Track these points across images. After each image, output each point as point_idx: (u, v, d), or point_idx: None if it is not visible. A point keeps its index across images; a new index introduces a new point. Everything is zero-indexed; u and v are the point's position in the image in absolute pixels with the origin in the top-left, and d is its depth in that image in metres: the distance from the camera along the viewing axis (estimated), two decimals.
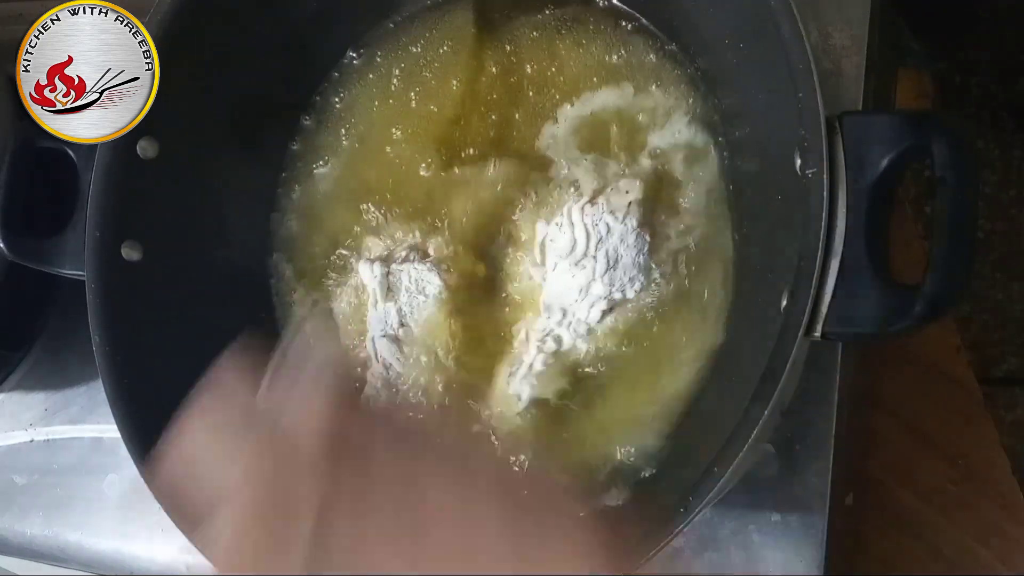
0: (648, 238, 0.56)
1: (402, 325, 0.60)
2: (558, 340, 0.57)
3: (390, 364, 0.60)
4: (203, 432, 0.33)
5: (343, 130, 0.66)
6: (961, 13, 0.85)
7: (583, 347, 0.57)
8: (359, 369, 0.60)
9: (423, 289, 0.60)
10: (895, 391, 0.75)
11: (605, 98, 0.60)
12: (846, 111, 0.44)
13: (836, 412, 0.57)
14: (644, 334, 0.57)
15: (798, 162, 0.44)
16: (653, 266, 0.56)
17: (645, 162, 0.58)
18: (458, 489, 0.32)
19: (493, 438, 0.57)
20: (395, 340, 0.60)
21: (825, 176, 0.42)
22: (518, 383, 0.57)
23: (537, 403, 0.57)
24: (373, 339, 0.61)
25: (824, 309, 0.42)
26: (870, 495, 0.73)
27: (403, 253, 0.61)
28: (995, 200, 1.16)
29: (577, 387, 0.58)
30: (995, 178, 1.16)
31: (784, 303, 0.45)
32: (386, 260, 0.61)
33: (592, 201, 0.56)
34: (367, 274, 0.61)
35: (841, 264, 0.42)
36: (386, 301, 0.60)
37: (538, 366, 0.57)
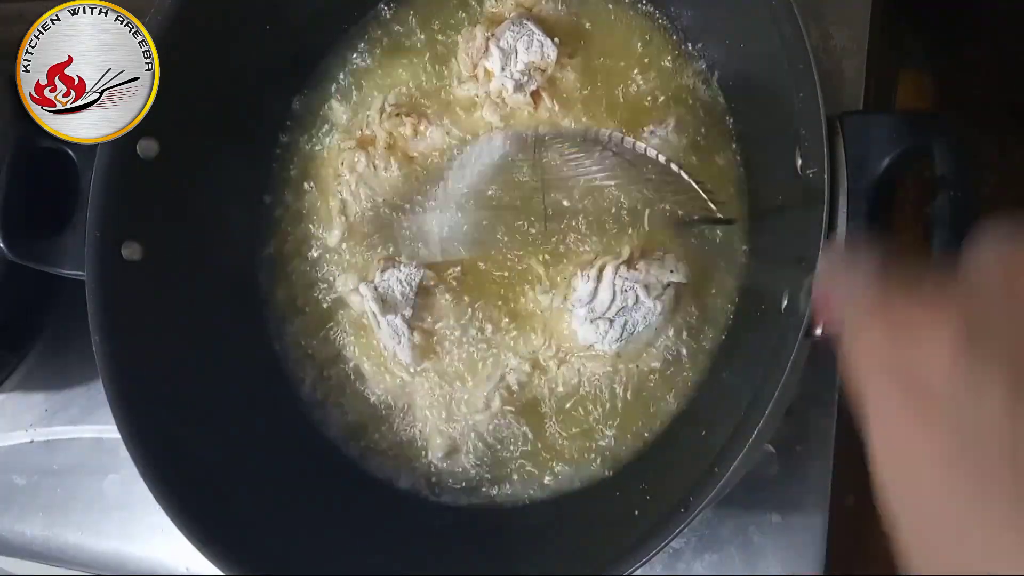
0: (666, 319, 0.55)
1: (412, 329, 0.60)
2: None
3: (424, 368, 0.60)
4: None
5: (338, 132, 0.66)
6: (961, 13, 0.85)
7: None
8: None
9: (413, 285, 0.59)
10: None
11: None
12: (847, 111, 0.44)
13: (837, 412, 0.57)
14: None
15: (799, 162, 0.44)
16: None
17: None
18: None
19: None
20: (415, 348, 0.60)
21: (826, 176, 0.42)
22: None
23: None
24: (396, 354, 0.60)
25: None
26: (870, 495, 0.73)
27: (380, 264, 0.61)
28: (995, 200, 1.16)
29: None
30: (995, 178, 1.16)
31: (784, 303, 0.45)
32: (368, 279, 0.61)
33: (631, 264, 0.54)
34: (359, 301, 0.60)
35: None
36: (386, 314, 0.59)
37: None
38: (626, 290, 0.53)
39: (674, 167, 0.51)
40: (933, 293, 0.27)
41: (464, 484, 0.60)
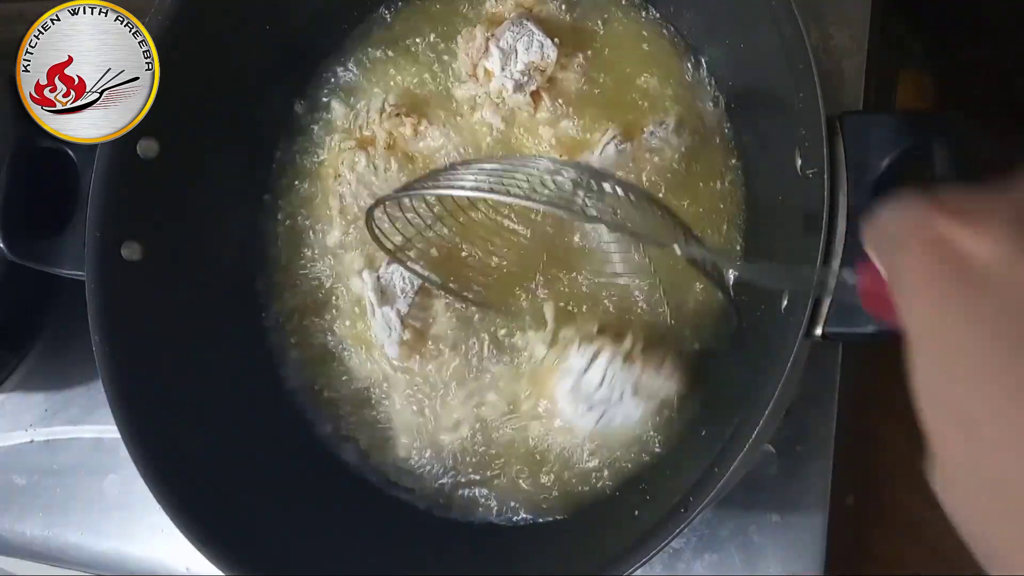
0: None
1: (404, 327, 0.60)
2: None
3: (408, 368, 0.60)
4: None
5: (338, 132, 0.66)
6: (961, 13, 0.85)
7: None
8: None
9: (415, 284, 0.60)
10: (895, 391, 0.75)
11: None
12: (847, 111, 0.44)
13: (837, 413, 0.57)
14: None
15: (799, 162, 0.44)
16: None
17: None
18: None
19: None
20: (402, 344, 0.60)
21: (826, 176, 0.42)
22: None
23: None
24: (383, 347, 0.61)
25: (825, 310, 0.42)
26: (870, 496, 0.73)
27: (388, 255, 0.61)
28: None
29: None
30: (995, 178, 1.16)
31: (785, 304, 0.45)
32: (373, 266, 0.61)
33: (630, 359, 0.52)
34: (359, 286, 0.61)
35: (842, 264, 0.42)
36: (382, 305, 0.60)
37: None
38: (614, 381, 0.52)
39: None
40: (984, 192, 0.28)
41: (425, 490, 0.60)
